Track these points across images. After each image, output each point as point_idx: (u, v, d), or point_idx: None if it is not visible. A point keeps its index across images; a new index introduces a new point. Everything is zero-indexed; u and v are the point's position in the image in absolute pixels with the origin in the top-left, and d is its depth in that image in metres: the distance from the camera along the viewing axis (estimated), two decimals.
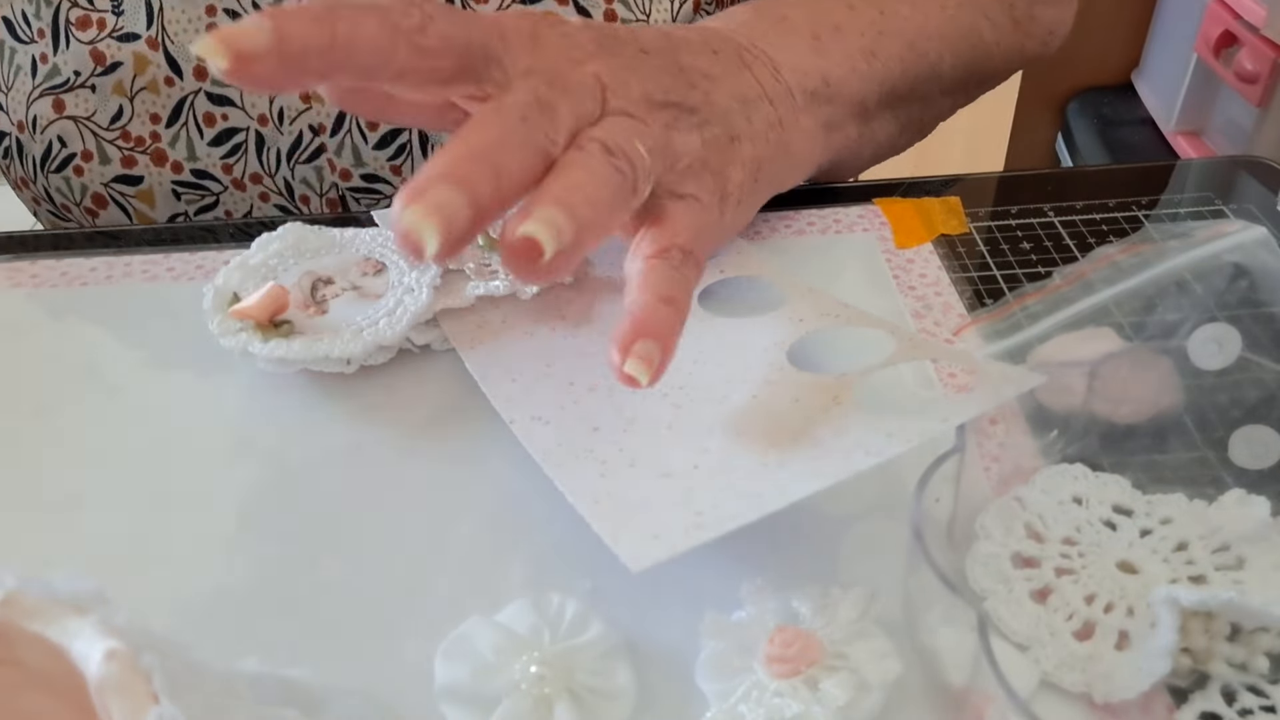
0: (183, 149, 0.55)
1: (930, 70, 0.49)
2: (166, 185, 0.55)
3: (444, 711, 0.28)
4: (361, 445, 0.37)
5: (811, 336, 0.37)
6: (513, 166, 0.30)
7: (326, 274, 0.41)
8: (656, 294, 0.32)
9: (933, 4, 0.49)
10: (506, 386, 0.36)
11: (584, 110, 0.33)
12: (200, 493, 0.36)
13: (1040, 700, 0.28)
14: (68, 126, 0.54)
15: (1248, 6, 1.18)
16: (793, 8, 0.46)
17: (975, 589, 0.30)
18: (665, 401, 0.35)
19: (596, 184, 0.31)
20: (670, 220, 0.35)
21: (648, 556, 0.28)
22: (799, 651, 0.27)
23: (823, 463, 0.30)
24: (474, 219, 0.29)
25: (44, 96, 0.54)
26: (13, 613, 0.21)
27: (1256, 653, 0.28)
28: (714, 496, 0.30)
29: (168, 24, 0.53)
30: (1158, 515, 0.32)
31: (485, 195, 0.29)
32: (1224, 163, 0.51)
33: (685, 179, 0.37)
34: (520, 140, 0.31)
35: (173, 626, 0.23)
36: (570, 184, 0.30)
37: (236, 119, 0.54)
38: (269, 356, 0.38)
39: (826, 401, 0.33)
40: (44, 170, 0.56)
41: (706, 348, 0.37)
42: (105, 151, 0.55)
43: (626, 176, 0.32)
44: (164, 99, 0.54)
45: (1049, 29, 0.56)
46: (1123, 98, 1.51)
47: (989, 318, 0.33)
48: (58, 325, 0.44)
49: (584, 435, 0.34)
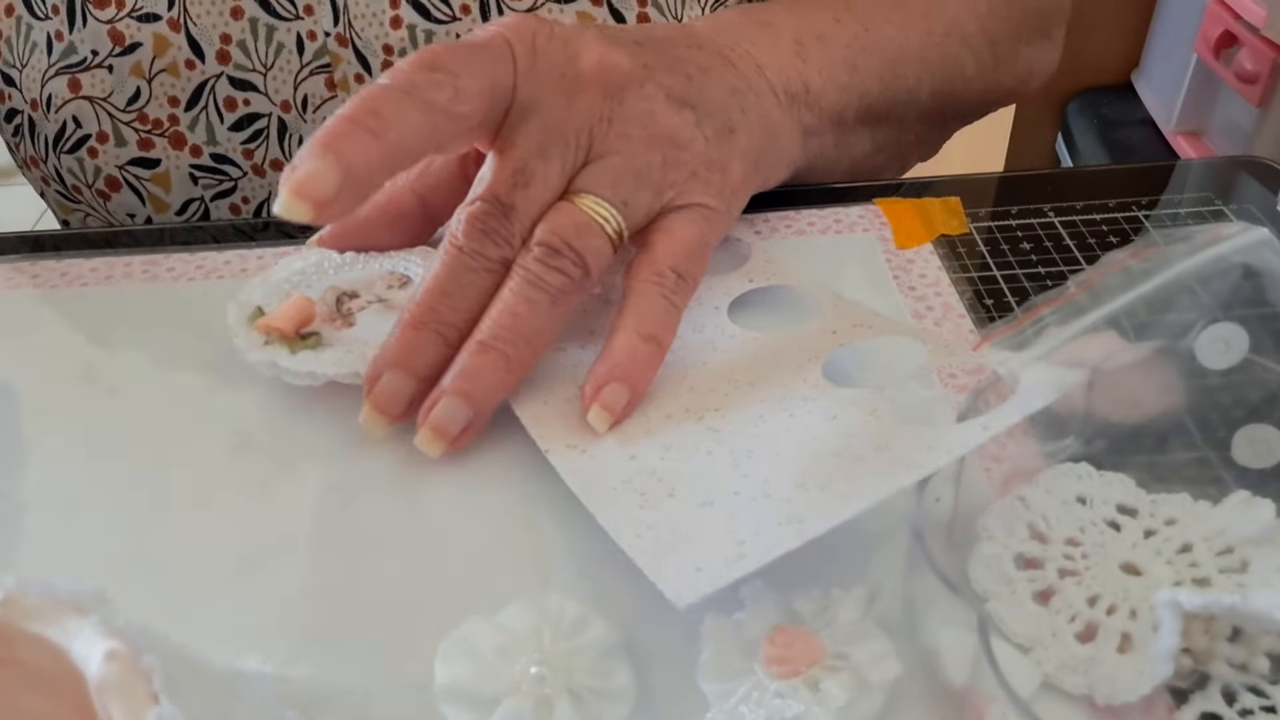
0: (202, 132, 0.54)
1: (908, 94, 0.50)
2: (184, 169, 0.54)
3: (444, 712, 0.28)
4: (362, 446, 0.37)
5: (845, 350, 0.37)
6: (459, 319, 0.35)
7: (351, 288, 0.41)
8: (639, 330, 0.35)
9: (917, 29, 0.50)
10: (537, 408, 0.36)
11: (567, 165, 0.36)
12: (200, 493, 0.36)
13: (1041, 702, 0.28)
14: (83, 107, 0.53)
15: (1248, 6, 1.18)
16: (778, 15, 0.47)
17: (977, 590, 0.30)
18: (701, 425, 0.34)
19: (527, 315, 0.35)
20: (667, 239, 0.37)
21: (692, 590, 0.28)
22: (799, 652, 0.27)
23: (864, 482, 0.30)
24: (420, 389, 0.35)
25: (59, 75, 0.53)
26: (13, 613, 0.21)
27: (1257, 653, 0.28)
28: (755, 524, 0.29)
29: (189, 5, 0.51)
30: (1162, 516, 0.31)
31: (431, 362, 0.35)
32: (1224, 163, 0.51)
33: (690, 187, 0.38)
34: (468, 282, 0.35)
35: (173, 627, 0.23)
36: (486, 343, 0.35)
37: (259, 104, 0.53)
38: (299, 370, 0.37)
39: (864, 416, 0.33)
40: (56, 150, 0.55)
41: (740, 367, 0.37)
42: (121, 133, 0.54)
43: (572, 277, 0.35)
44: (184, 82, 0.53)
45: (1029, 69, 0.57)
46: (1123, 98, 1.51)
47: (1003, 332, 0.33)
48: (58, 325, 0.44)
49: (621, 464, 0.33)
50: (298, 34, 0.52)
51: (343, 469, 0.36)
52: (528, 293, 0.35)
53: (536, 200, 0.36)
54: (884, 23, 0.49)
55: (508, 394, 0.36)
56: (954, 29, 0.51)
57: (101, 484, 0.36)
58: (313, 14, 0.51)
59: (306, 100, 0.53)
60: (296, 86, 0.53)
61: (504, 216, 0.35)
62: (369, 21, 0.51)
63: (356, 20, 0.51)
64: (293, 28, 0.51)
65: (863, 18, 0.48)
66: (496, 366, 0.35)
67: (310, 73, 0.52)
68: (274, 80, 0.53)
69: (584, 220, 0.36)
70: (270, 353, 0.38)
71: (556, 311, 0.35)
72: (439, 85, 0.34)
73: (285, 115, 0.54)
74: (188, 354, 0.41)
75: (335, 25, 0.51)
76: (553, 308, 0.35)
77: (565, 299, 0.35)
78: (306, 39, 0.52)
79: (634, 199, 0.37)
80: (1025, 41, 0.56)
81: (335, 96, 0.53)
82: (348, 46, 0.52)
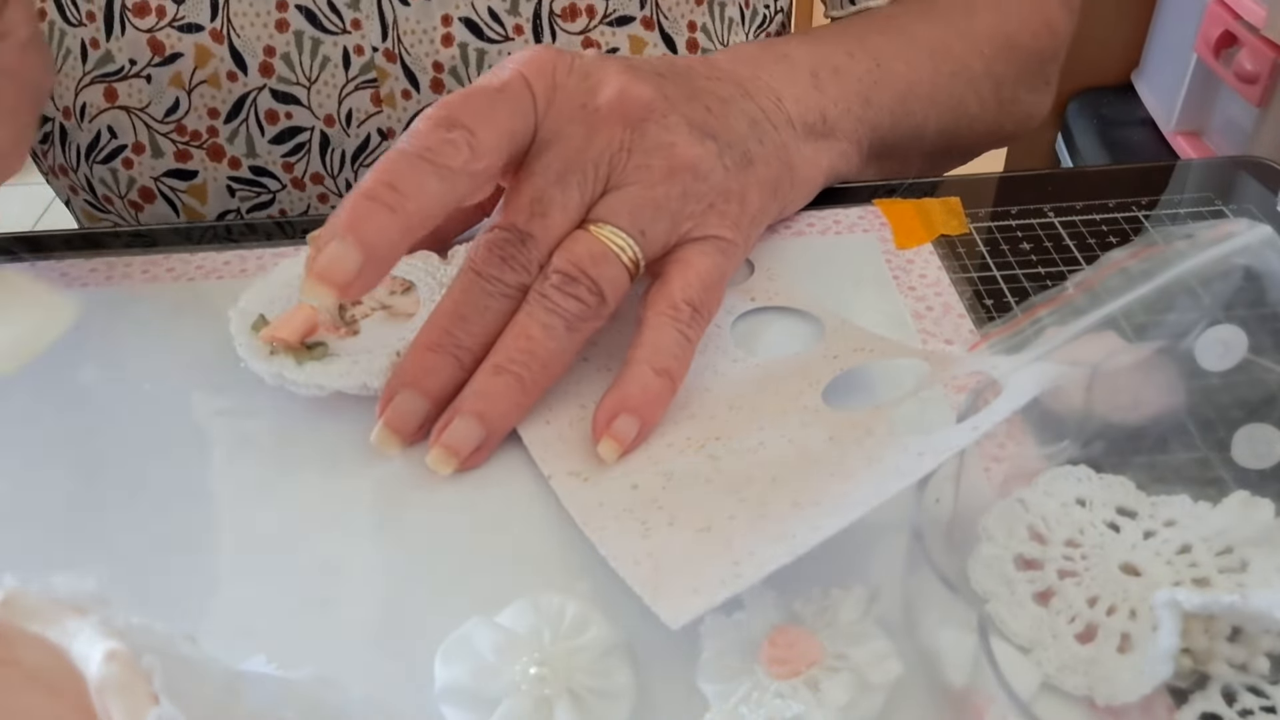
0: (241, 145, 0.53)
1: (916, 130, 0.51)
2: (222, 181, 0.54)
3: (444, 712, 0.28)
4: (363, 447, 0.37)
5: (846, 374, 0.37)
6: (474, 342, 0.36)
7: None
8: (652, 364, 0.35)
9: (926, 68, 0.51)
10: (541, 430, 0.36)
11: (586, 194, 0.37)
12: (201, 493, 0.36)
13: (1041, 702, 0.28)
14: (119, 117, 0.52)
15: (1248, 6, 1.18)
16: (794, 48, 0.47)
17: (977, 590, 0.30)
18: (703, 454, 0.34)
19: (542, 339, 0.35)
20: (683, 271, 0.37)
21: (686, 612, 0.28)
22: (799, 652, 0.27)
23: (856, 494, 0.30)
24: (434, 410, 0.35)
25: (95, 84, 0.51)
26: (13, 613, 0.21)
27: (1257, 653, 0.28)
28: (749, 544, 0.30)
29: (233, 16, 0.50)
30: (1161, 517, 0.31)
31: (445, 384, 0.35)
32: (1224, 163, 0.51)
33: (708, 219, 0.38)
34: (484, 306, 0.36)
35: (174, 627, 0.23)
36: (501, 365, 0.35)
37: (301, 118, 0.53)
38: (307, 383, 0.37)
39: (861, 435, 0.33)
40: (89, 160, 0.53)
41: (742, 392, 0.37)
42: (158, 144, 0.53)
43: (588, 305, 0.35)
44: (224, 94, 0.52)
45: (1028, 113, 0.59)
46: (1123, 98, 1.51)
47: (1000, 332, 0.33)
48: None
49: (624, 494, 0.33)
50: (344, 48, 0.51)
51: (344, 470, 0.36)
52: (543, 318, 0.35)
53: (554, 228, 0.36)
54: (895, 59, 0.49)
55: (522, 416, 0.36)
56: (961, 69, 0.52)
57: (100, 484, 0.36)
58: (360, 28, 0.51)
59: (351, 114, 0.52)
60: (341, 100, 0.52)
61: (521, 244, 0.36)
62: (419, 38, 0.51)
63: (406, 36, 0.50)
64: (339, 41, 0.51)
65: (875, 54, 0.49)
66: (511, 389, 0.35)
67: (356, 87, 0.52)
68: (318, 94, 0.52)
69: (600, 249, 0.36)
70: (276, 364, 0.37)
71: (572, 337, 0.36)
72: (455, 147, 0.34)
73: (328, 129, 0.53)
74: (188, 354, 0.41)
75: (384, 41, 0.51)
76: (568, 333, 0.35)
77: (581, 325, 0.36)
78: (353, 53, 0.51)
79: (651, 229, 0.37)
80: (1026, 85, 0.58)
81: (380, 111, 0.52)
82: (396, 62, 0.51)
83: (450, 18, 0.50)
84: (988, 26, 0.55)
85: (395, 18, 0.50)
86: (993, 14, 0.55)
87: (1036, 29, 0.57)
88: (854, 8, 0.54)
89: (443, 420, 0.35)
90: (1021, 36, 0.56)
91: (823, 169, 0.46)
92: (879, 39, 0.50)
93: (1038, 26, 0.57)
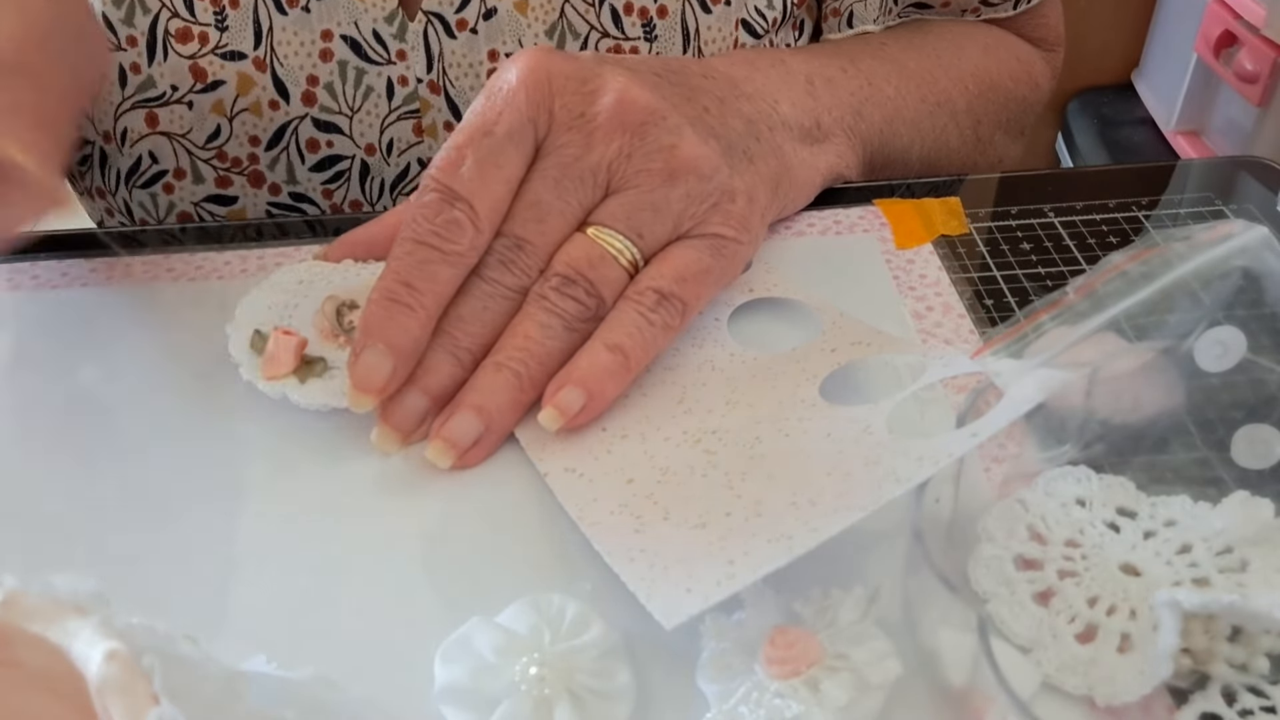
0: (282, 172, 0.53)
1: (900, 153, 0.52)
2: (261, 207, 0.54)
3: (444, 712, 0.28)
4: (363, 447, 0.37)
5: (844, 369, 0.37)
6: (473, 343, 0.36)
7: (350, 298, 0.40)
8: (604, 340, 0.36)
9: (913, 95, 0.52)
10: (536, 430, 0.36)
11: (585, 200, 0.37)
12: (200, 493, 0.36)
13: (1041, 702, 0.28)
14: (160, 142, 0.52)
15: (1248, 6, 1.18)
16: (790, 56, 0.48)
17: (977, 591, 0.30)
18: (698, 448, 0.34)
19: (540, 339, 0.36)
20: (658, 264, 0.38)
21: (681, 611, 0.28)
22: (799, 652, 0.27)
23: (853, 496, 0.30)
24: (433, 408, 0.36)
25: (136, 109, 0.51)
26: (13, 613, 0.21)
27: (1257, 653, 0.28)
28: (745, 543, 0.30)
29: (277, 45, 0.50)
30: (1161, 517, 0.32)
31: (444, 382, 0.36)
32: (1224, 163, 0.51)
33: (710, 218, 0.38)
34: (483, 307, 0.37)
35: (174, 627, 0.23)
36: (501, 363, 0.36)
37: (342, 146, 0.52)
38: (310, 401, 0.37)
39: (858, 432, 0.33)
40: (128, 184, 0.53)
41: (739, 387, 0.37)
42: (199, 170, 0.52)
43: (586, 305, 0.36)
44: (266, 122, 0.51)
45: (1000, 156, 0.61)
46: (1123, 98, 1.51)
47: (1003, 338, 0.33)
48: (58, 326, 0.44)
49: (619, 488, 0.33)
50: (388, 79, 0.51)
51: (344, 469, 0.36)
52: (542, 318, 0.36)
53: (553, 234, 0.37)
54: (884, 83, 0.51)
55: (520, 413, 0.36)
56: (946, 102, 0.54)
57: (100, 484, 0.36)
58: (405, 59, 0.50)
59: (392, 144, 0.52)
60: (383, 130, 0.52)
61: (520, 250, 0.37)
62: (464, 71, 0.50)
63: (451, 69, 0.50)
64: (384, 72, 0.51)
65: (866, 74, 0.50)
66: (509, 385, 0.35)
67: (398, 117, 0.51)
68: (359, 123, 0.52)
69: (598, 252, 0.37)
70: (280, 385, 0.37)
71: (570, 337, 0.36)
72: (460, 228, 0.36)
73: (369, 158, 0.52)
74: (188, 354, 0.41)
75: (429, 73, 0.50)
76: (566, 333, 0.36)
77: (579, 326, 0.36)
78: (397, 84, 0.51)
79: (650, 230, 0.37)
80: (1003, 129, 0.59)
81: (421, 142, 0.52)
82: (440, 94, 0.51)
83: (497, 53, 0.50)
84: (974, 66, 0.56)
85: (441, 49, 0.50)
86: (980, 56, 0.57)
87: (1020, 77, 0.59)
88: (851, 31, 0.55)
89: (443, 415, 0.36)
90: (1005, 81, 0.58)
91: (820, 171, 0.46)
92: (871, 62, 0.51)
93: (1021, 75, 0.59)
